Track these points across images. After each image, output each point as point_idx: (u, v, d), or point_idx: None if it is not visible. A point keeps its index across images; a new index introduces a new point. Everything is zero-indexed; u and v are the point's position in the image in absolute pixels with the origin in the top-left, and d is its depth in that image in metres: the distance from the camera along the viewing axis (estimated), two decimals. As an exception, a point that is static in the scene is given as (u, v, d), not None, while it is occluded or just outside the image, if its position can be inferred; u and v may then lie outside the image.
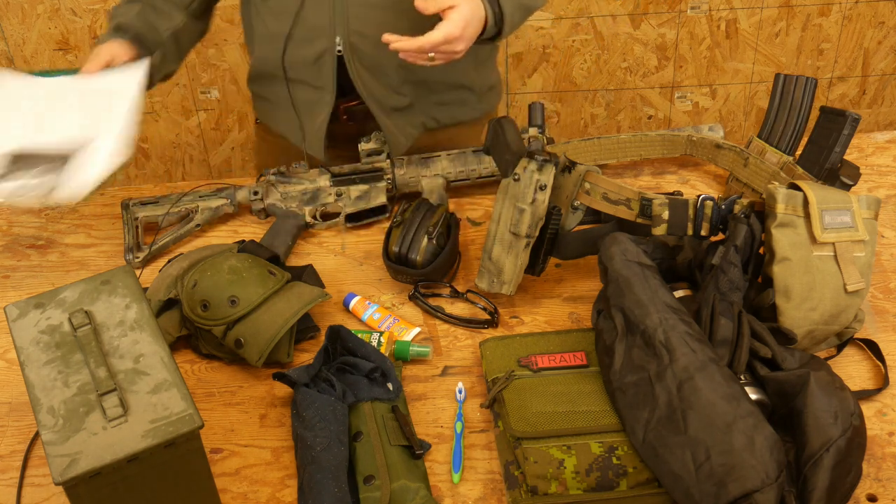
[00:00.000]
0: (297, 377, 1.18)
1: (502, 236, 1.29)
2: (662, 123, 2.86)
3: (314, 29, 1.52)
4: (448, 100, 1.65)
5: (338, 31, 1.51)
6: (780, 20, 2.67)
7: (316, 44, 1.53)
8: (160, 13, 1.56)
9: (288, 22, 1.52)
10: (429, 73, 1.58)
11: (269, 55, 1.58)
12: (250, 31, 1.64)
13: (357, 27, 1.51)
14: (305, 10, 1.50)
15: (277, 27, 1.54)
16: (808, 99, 1.46)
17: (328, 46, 1.52)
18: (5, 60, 2.68)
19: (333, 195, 1.54)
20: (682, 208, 1.23)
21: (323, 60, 1.54)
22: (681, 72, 2.76)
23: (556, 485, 1.05)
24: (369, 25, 1.50)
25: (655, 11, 2.64)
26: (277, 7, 1.53)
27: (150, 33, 1.54)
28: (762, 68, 2.77)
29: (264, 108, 1.72)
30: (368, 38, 1.51)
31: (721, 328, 1.11)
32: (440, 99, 1.64)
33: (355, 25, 1.50)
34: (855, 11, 2.67)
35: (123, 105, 1.38)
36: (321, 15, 1.50)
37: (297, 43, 1.54)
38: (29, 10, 2.59)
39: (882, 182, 1.57)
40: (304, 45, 1.54)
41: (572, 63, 2.74)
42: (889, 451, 1.12)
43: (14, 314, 1.06)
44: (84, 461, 0.89)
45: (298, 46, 1.54)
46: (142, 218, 1.54)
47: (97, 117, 1.36)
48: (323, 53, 1.53)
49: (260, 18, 1.58)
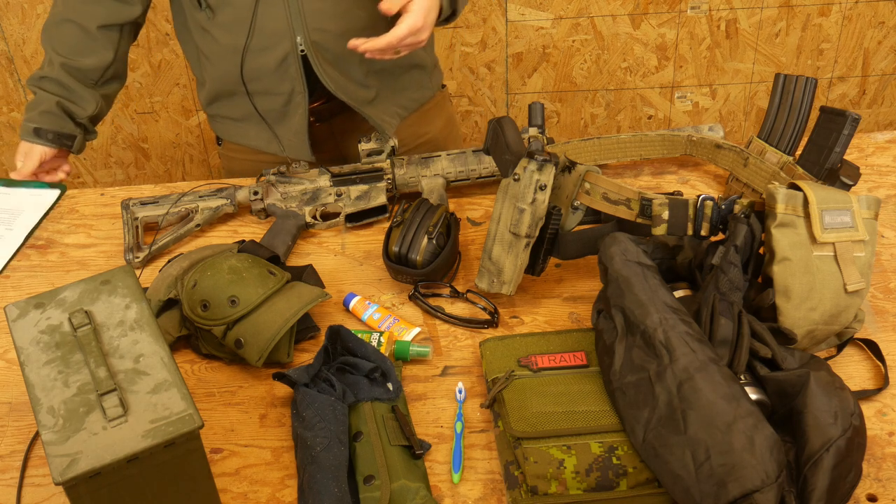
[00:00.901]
0: (297, 377, 1.18)
1: (502, 236, 1.29)
2: (662, 123, 2.86)
3: (272, 35, 1.52)
4: (407, 83, 1.68)
5: (297, 31, 1.51)
6: (780, 20, 2.67)
7: (276, 50, 1.53)
8: (75, 101, 1.62)
9: (243, 33, 1.52)
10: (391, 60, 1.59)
11: (227, 72, 1.58)
12: (195, 54, 1.64)
13: (316, 24, 1.51)
14: (259, 19, 1.50)
15: (232, 41, 1.54)
16: (808, 99, 1.46)
17: (290, 49, 1.53)
18: (5, 60, 2.68)
19: (333, 195, 1.54)
20: (682, 208, 1.23)
21: (287, 64, 1.55)
22: (681, 72, 2.76)
23: (556, 485, 1.05)
24: (328, 20, 1.51)
25: (655, 11, 2.64)
26: (228, 21, 1.53)
27: (66, 128, 1.63)
28: (762, 68, 2.77)
29: (229, 127, 1.71)
30: (329, 32, 1.52)
31: (721, 328, 1.11)
32: (400, 84, 1.67)
33: (314, 23, 1.51)
34: (855, 11, 2.67)
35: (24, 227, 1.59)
36: (276, 19, 1.51)
37: (255, 53, 1.54)
38: (29, 10, 2.59)
39: (882, 182, 1.57)
40: (262, 53, 1.54)
41: (572, 63, 2.75)
42: (889, 451, 1.12)
43: (14, 314, 1.06)
44: (84, 461, 0.89)
45: (256, 56, 1.55)
46: (142, 218, 1.54)
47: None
48: (286, 57, 1.54)
49: (209, 37, 1.57)
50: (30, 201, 1.64)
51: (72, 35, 1.59)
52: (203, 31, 1.58)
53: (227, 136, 1.75)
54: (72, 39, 1.60)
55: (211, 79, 1.64)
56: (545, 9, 2.64)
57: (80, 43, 1.60)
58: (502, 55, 2.73)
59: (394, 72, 1.65)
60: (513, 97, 2.82)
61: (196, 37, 1.61)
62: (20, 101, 2.78)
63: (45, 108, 1.61)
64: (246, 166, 1.73)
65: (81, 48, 1.60)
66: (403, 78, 1.67)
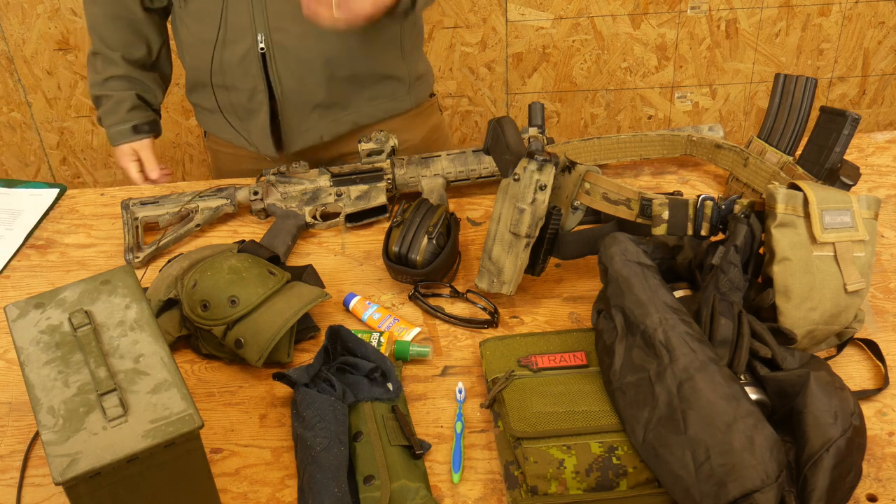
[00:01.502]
0: (297, 377, 1.18)
1: (502, 236, 1.29)
2: (662, 123, 2.86)
3: (237, 29, 1.53)
4: (378, 93, 1.66)
5: (259, 28, 1.52)
6: (780, 20, 2.67)
7: (239, 44, 1.54)
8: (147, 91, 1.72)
9: (214, 25, 1.53)
10: (356, 66, 1.58)
11: (200, 63, 1.60)
12: (179, 42, 1.66)
13: (277, 23, 1.52)
14: (229, 12, 1.51)
15: (201, 32, 1.56)
16: (808, 99, 1.46)
17: (251, 45, 1.53)
18: (5, 60, 2.68)
19: (333, 195, 1.54)
20: (682, 208, 1.23)
21: (248, 60, 1.55)
22: (681, 72, 2.76)
23: (556, 485, 1.05)
24: (289, 20, 1.51)
25: (655, 11, 2.64)
26: (198, 10, 1.54)
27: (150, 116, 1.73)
28: (762, 68, 2.77)
29: (206, 118, 1.73)
30: (290, 33, 1.52)
31: (721, 328, 1.11)
32: (371, 94, 1.65)
33: (275, 21, 1.51)
34: (855, 11, 2.67)
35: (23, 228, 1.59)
36: (241, 14, 1.51)
37: (224, 45, 1.55)
38: (29, 10, 2.59)
39: (882, 182, 1.57)
40: (230, 46, 1.55)
41: (572, 63, 2.75)
42: (889, 451, 1.12)
43: (14, 314, 1.06)
44: (84, 461, 0.89)
45: (225, 49, 1.56)
46: (142, 218, 1.54)
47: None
48: (247, 53, 1.54)
49: (185, 26, 1.59)
50: (29, 201, 1.65)
51: (123, 29, 1.66)
52: (180, 21, 1.60)
53: (206, 126, 1.77)
54: (124, 33, 1.66)
55: (189, 68, 1.67)
56: (545, 9, 2.64)
57: (132, 33, 1.66)
58: (502, 55, 2.73)
59: (364, 81, 1.63)
60: (513, 97, 2.82)
61: (178, 27, 1.64)
62: (20, 101, 2.78)
63: (130, 105, 1.68)
64: (228, 159, 1.75)
65: (134, 38, 1.67)
66: (374, 88, 1.65)
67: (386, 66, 1.63)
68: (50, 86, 2.74)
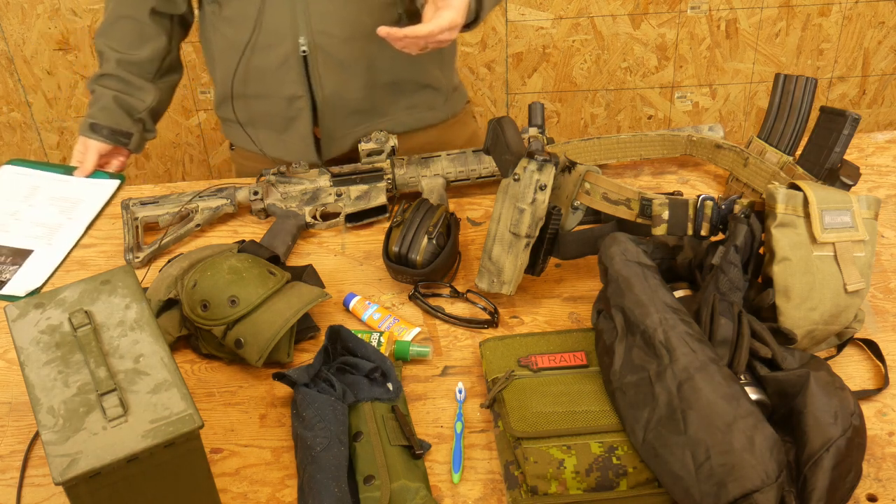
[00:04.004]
0: (297, 377, 1.18)
1: (502, 236, 1.29)
2: (662, 123, 2.86)
3: (275, 33, 1.50)
4: (417, 102, 1.65)
5: (301, 31, 1.49)
6: (780, 20, 2.67)
7: (278, 49, 1.51)
8: (133, 93, 1.65)
9: (248, 29, 1.50)
10: (398, 73, 1.57)
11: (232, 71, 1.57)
12: (210, 52, 1.64)
13: (321, 26, 1.49)
14: (265, 16, 1.48)
15: (236, 36, 1.52)
16: (808, 99, 1.46)
17: (292, 49, 1.51)
18: (5, 60, 2.68)
19: (333, 195, 1.54)
20: (682, 208, 1.23)
21: (288, 65, 1.53)
22: (681, 72, 2.76)
23: (556, 485, 1.05)
24: (333, 23, 1.49)
25: (655, 11, 2.64)
26: (234, 15, 1.51)
27: (123, 124, 1.65)
28: (762, 68, 2.77)
29: (237, 131, 1.69)
30: (334, 37, 1.50)
31: (721, 328, 1.11)
32: (410, 102, 1.64)
33: (319, 24, 1.49)
34: (855, 11, 2.67)
35: (84, 217, 1.58)
36: (282, 16, 1.48)
37: (258, 51, 1.52)
38: (29, 10, 2.59)
39: (882, 182, 1.57)
40: (265, 51, 1.52)
41: (572, 63, 2.75)
42: (889, 451, 1.12)
43: (14, 314, 1.06)
44: (84, 461, 0.89)
45: (260, 55, 1.53)
46: (142, 218, 1.54)
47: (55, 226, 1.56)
48: (287, 57, 1.52)
49: (219, 33, 1.56)
50: (90, 191, 1.63)
51: (127, 29, 1.62)
52: (214, 28, 1.57)
53: (236, 140, 1.73)
54: (127, 33, 1.62)
55: (220, 79, 1.63)
56: (545, 9, 2.64)
57: (135, 35, 1.62)
58: (502, 55, 2.73)
59: (404, 88, 1.62)
60: (513, 97, 2.82)
61: (210, 36, 1.60)
62: (20, 101, 2.78)
63: (102, 104, 1.63)
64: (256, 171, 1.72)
65: (136, 40, 1.62)
66: (413, 96, 1.64)
67: (426, 75, 1.62)
68: (50, 86, 2.74)
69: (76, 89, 2.75)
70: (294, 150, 1.63)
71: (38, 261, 1.49)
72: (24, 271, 1.47)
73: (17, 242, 1.53)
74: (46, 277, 1.47)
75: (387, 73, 1.56)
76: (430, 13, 1.34)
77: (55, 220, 1.57)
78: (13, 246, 1.52)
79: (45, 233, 1.55)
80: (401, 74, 1.58)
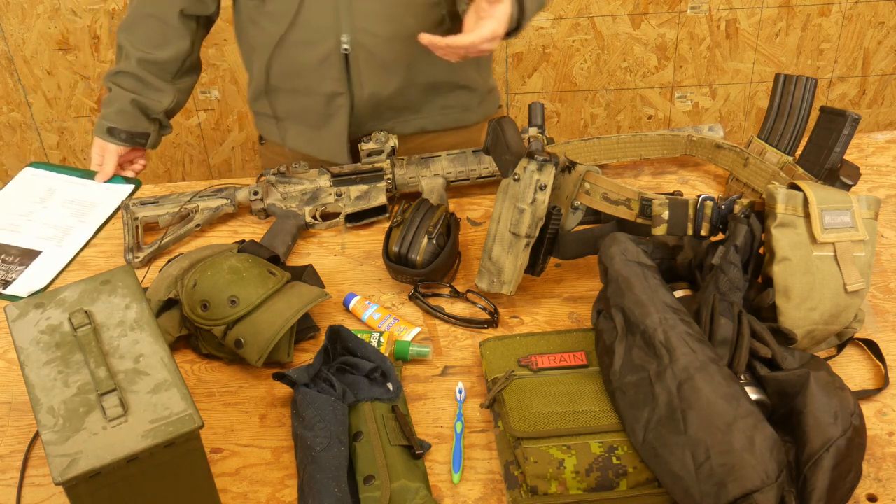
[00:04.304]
0: (297, 377, 1.18)
1: (502, 236, 1.29)
2: (662, 123, 2.87)
3: (318, 29, 1.49)
4: (452, 102, 1.65)
5: (343, 29, 1.49)
6: (780, 20, 2.67)
7: (319, 46, 1.51)
8: (151, 95, 1.64)
9: (287, 24, 1.50)
10: (436, 74, 1.57)
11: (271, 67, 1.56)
12: (248, 45, 1.63)
13: (364, 24, 1.48)
14: (306, 11, 1.48)
15: (277, 31, 1.52)
16: (808, 99, 1.46)
17: (333, 47, 1.51)
18: (5, 60, 2.68)
19: (333, 195, 1.54)
20: (682, 208, 1.23)
21: (329, 62, 1.52)
22: (681, 72, 2.77)
23: (556, 485, 1.05)
24: (376, 22, 1.48)
25: (655, 11, 2.64)
26: (275, 10, 1.50)
27: (139, 126, 1.65)
28: (762, 68, 2.77)
29: (271, 125, 1.69)
30: (377, 36, 1.49)
31: (721, 328, 1.11)
32: (445, 102, 1.64)
33: (362, 23, 1.48)
34: (855, 11, 2.67)
35: (96, 220, 1.59)
36: (324, 13, 1.48)
37: (299, 46, 1.52)
38: (29, 10, 2.59)
39: (882, 182, 1.57)
40: (304, 48, 1.52)
41: (572, 63, 2.75)
42: (889, 451, 1.12)
43: (14, 314, 1.06)
44: (84, 461, 0.89)
45: (300, 50, 1.52)
46: (142, 218, 1.54)
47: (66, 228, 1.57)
48: (329, 55, 1.51)
49: (258, 26, 1.56)
50: (104, 195, 1.64)
51: (152, 28, 1.61)
52: (253, 22, 1.56)
53: (268, 134, 1.73)
54: (152, 32, 1.61)
55: (257, 73, 1.62)
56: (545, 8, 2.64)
57: (159, 35, 1.61)
58: (502, 55, 2.73)
59: (441, 88, 1.61)
60: (513, 97, 2.82)
61: (248, 29, 1.60)
62: (20, 101, 2.78)
63: (119, 107, 1.62)
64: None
65: (160, 40, 1.61)
66: (448, 96, 1.63)
67: (463, 76, 1.62)
68: (50, 86, 2.74)
69: (76, 89, 2.75)
70: (326, 147, 1.63)
71: (45, 262, 1.50)
72: (30, 272, 1.47)
73: (27, 243, 1.53)
74: (51, 279, 1.47)
75: (426, 73, 1.56)
76: (472, 22, 1.34)
77: (67, 222, 1.58)
78: (22, 246, 1.53)
79: (55, 234, 1.55)
80: (439, 75, 1.58)
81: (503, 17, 1.33)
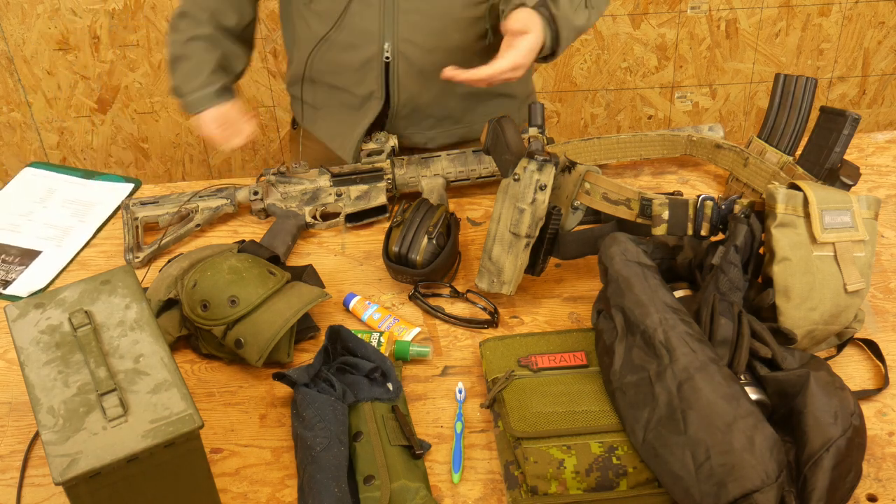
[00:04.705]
0: (297, 377, 1.18)
1: (502, 236, 1.29)
2: (662, 123, 2.86)
3: (362, 34, 1.51)
4: (493, 110, 1.64)
5: (387, 37, 1.50)
6: (780, 20, 2.67)
7: (361, 50, 1.52)
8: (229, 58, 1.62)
9: (331, 25, 1.51)
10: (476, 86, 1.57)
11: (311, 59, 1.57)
12: (292, 33, 1.64)
13: (406, 34, 1.50)
14: (351, 14, 1.49)
15: (322, 30, 1.53)
16: (808, 99, 1.46)
17: (376, 52, 1.52)
18: (5, 60, 2.68)
19: (333, 195, 1.54)
20: (682, 208, 1.23)
21: (369, 66, 1.54)
22: (681, 72, 2.76)
23: (556, 485, 1.05)
24: (419, 33, 1.50)
25: (655, 11, 2.64)
26: (323, 10, 1.52)
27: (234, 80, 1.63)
28: (762, 68, 2.77)
29: (307, 112, 1.70)
30: (419, 46, 1.50)
31: (721, 328, 1.11)
32: (485, 110, 1.65)
33: (405, 32, 1.50)
34: (855, 11, 2.67)
35: (96, 220, 1.59)
36: (369, 20, 1.49)
37: (341, 47, 1.53)
38: (29, 10, 2.59)
39: (882, 182, 1.57)
40: (348, 49, 1.53)
41: (572, 63, 2.74)
42: (889, 451, 1.12)
43: (14, 314, 1.06)
44: (84, 461, 0.89)
45: (342, 50, 1.54)
46: (142, 218, 1.54)
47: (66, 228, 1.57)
48: (370, 59, 1.53)
49: (304, 21, 1.57)
50: (104, 194, 1.64)
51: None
52: (300, 16, 1.57)
53: (301, 120, 1.73)
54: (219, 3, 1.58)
55: (297, 60, 1.63)
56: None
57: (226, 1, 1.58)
58: (502, 55, 2.72)
59: (482, 97, 1.62)
60: (513, 97, 2.82)
61: (294, 20, 1.60)
62: (20, 101, 2.78)
63: (213, 67, 1.57)
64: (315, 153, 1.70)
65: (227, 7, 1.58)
66: (489, 104, 1.64)
67: (505, 84, 1.62)
68: (50, 86, 2.74)
69: (76, 89, 2.75)
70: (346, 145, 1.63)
71: (45, 262, 1.50)
72: (30, 272, 1.47)
73: (27, 243, 1.53)
74: (51, 279, 1.47)
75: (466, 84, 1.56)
76: (506, 48, 1.34)
77: (67, 222, 1.58)
78: (22, 246, 1.53)
79: (55, 234, 1.55)
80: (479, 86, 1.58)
81: (526, 49, 1.33)
